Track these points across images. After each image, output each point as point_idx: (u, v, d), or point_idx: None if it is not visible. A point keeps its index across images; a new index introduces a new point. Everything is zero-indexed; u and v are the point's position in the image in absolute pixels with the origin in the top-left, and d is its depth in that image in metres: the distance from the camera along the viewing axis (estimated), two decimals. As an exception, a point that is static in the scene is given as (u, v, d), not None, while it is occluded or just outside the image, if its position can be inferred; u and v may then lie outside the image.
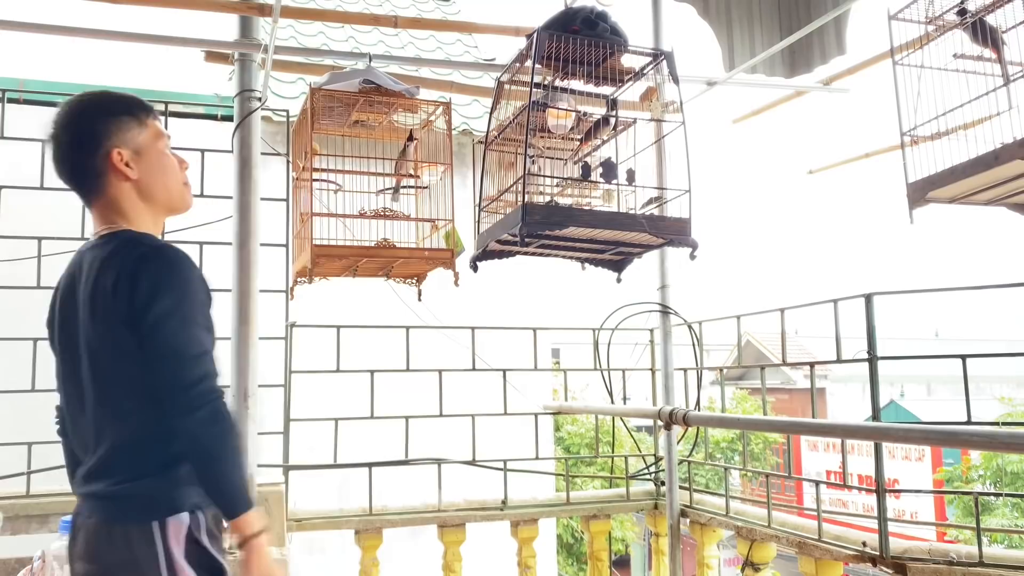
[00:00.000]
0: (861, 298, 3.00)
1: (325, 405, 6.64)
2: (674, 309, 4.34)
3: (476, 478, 4.63)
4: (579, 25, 2.63)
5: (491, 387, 4.63)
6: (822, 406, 27.67)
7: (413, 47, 8.66)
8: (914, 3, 2.65)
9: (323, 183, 3.35)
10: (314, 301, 6.89)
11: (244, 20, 3.50)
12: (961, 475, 16.29)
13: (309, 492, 6.50)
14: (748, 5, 4.94)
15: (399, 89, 3.23)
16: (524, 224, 2.43)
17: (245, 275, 3.45)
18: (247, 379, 3.43)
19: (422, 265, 3.41)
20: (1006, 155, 2.27)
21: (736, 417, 2.83)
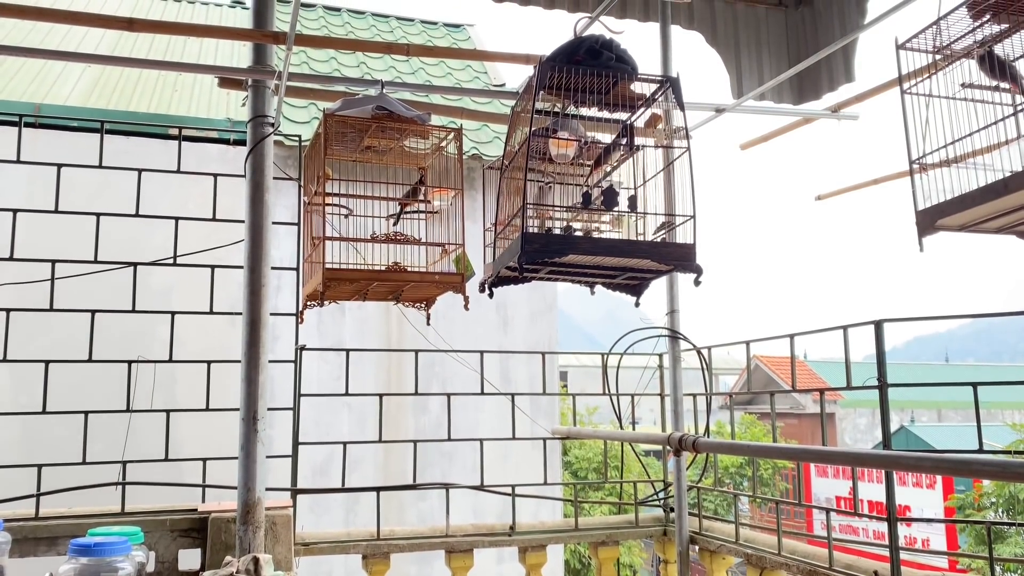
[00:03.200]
0: (871, 325, 3.00)
1: (333, 428, 6.65)
2: (683, 334, 4.34)
3: (483, 501, 4.62)
4: (583, 55, 2.66)
5: (500, 410, 4.62)
6: (832, 431, 27.45)
7: (424, 73, 8.74)
8: (922, 32, 2.67)
9: (334, 208, 3.37)
10: (319, 324, 6.93)
11: (258, 48, 3.55)
12: (973, 502, 16.11)
13: (317, 515, 6.50)
14: (756, 32, 4.99)
15: (411, 115, 3.26)
16: (523, 253, 2.46)
17: (256, 298, 3.47)
18: (256, 402, 3.44)
19: (432, 289, 3.42)
20: (1015, 184, 2.28)
21: (746, 444, 2.82)
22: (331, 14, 9.82)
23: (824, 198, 4.86)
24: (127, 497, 3.70)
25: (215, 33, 3.52)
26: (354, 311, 6.91)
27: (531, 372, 7.32)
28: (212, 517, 3.59)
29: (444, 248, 3.42)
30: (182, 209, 4.30)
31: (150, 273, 5.41)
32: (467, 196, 3.78)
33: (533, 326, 7.90)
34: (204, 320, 4.14)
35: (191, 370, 4.05)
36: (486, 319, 7.47)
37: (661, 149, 3.00)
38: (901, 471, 2.41)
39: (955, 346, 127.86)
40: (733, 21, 4.98)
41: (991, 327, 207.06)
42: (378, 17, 10.02)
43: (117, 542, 2.61)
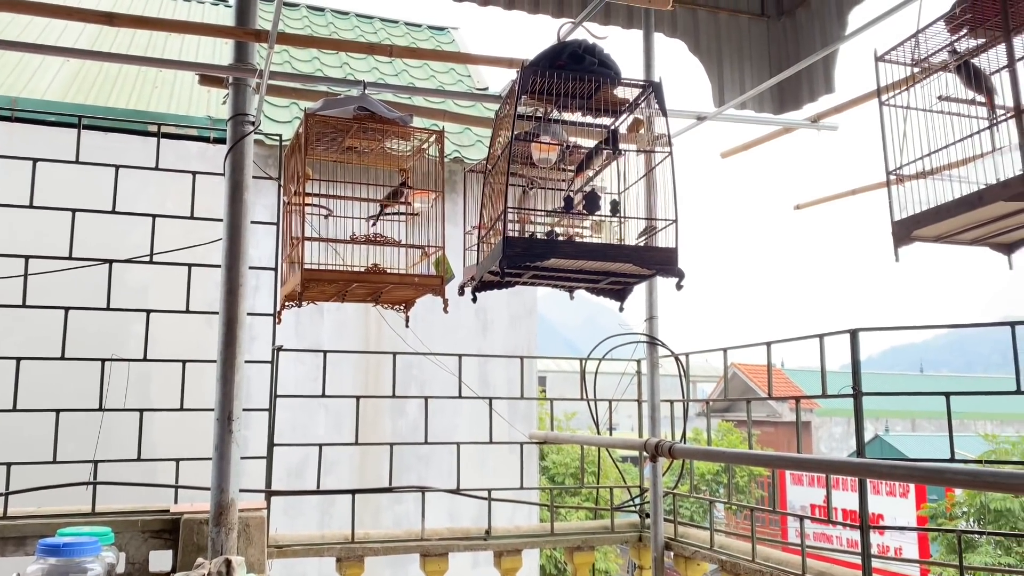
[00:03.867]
0: (847, 334, 3.02)
1: (309, 430, 6.61)
2: (661, 341, 4.35)
3: (459, 505, 4.61)
4: (566, 60, 2.67)
5: (478, 414, 4.62)
6: (807, 439, 27.64)
7: (407, 75, 8.73)
8: (900, 45, 2.70)
9: (314, 208, 3.36)
10: (298, 325, 6.88)
11: (240, 45, 3.52)
12: (945, 511, 16.29)
13: (292, 517, 6.45)
14: (738, 42, 5.03)
15: (393, 117, 3.25)
16: (505, 257, 2.46)
17: (233, 298, 3.43)
18: (231, 402, 3.40)
19: (411, 292, 3.41)
20: (990, 196, 2.31)
21: (722, 451, 2.83)
22: (315, 14, 9.79)
23: (803, 207, 4.90)
24: (98, 497, 3.65)
25: (196, 30, 3.49)
26: (333, 312, 6.87)
27: (510, 376, 7.31)
28: (184, 518, 3.55)
29: (424, 250, 3.41)
30: (160, 207, 4.26)
31: (127, 271, 5.36)
32: (448, 199, 3.78)
33: (513, 330, 7.89)
34: (180, 319, 4.10)
35: (166, 369, 4.01)
36: (466, 323, 7.46)
37: (643, 154, 3.01)
38: (874, 479, 2.44)
39: (930, 357, 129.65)
40: (716, 30, 5.01)
41: (965, 338, 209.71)
42: (362, 18, 10.00)
43: (86, 542, 2.57)
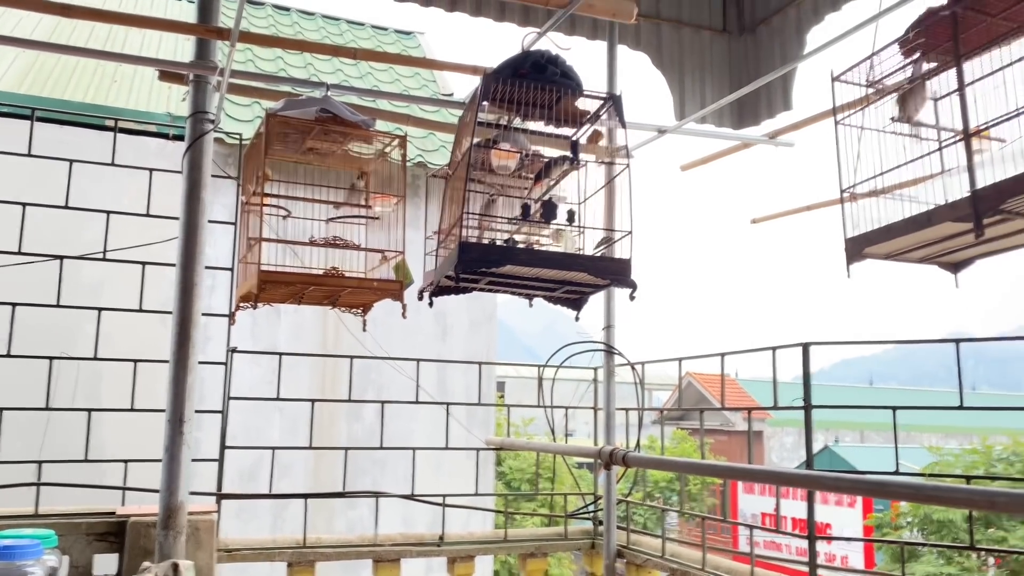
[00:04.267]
0: (799, 347, 3.09)
1: (264, 433, 6.53)
2: (618, 350, 4.39)
3: (414, 510, 4.59)
4: (528, 69, 2.69)
5: (435, 419, 4.60)
6: (759, 449, 28.04)
7: (372, 78, 8.69)
8: (856, 66, 2.77)
9: (273, 209, 3.33)
10: (254, 326, 6.80)
11: (201, 43, 3.48)
12: (890, 521, 16.63)
13: (244, 521, 6.36)
14: (700, 57, 5.11)
15: (355, 120, 3.24)
16: (460, 262, 2.47)
17: (187, 298, 3.39)
18: (183, 404, 3.35)
19: (370, 296, 3.39)
20: (939, 217, 2.38)
21: (674, 460, 2.87)
22: (280, 13, 9.70)
23: (759, 221, 4.99)
24: (43, 499, 3.56)
25: (156, 25, 3.44)
26: (290, 314, 6.80)
27: (468, 382, 7.30)
28: (131, 521, 3.49)
29: (384, 255, 3.40)
30: (116, 203, 4.17)
31: (80, 268, 5.25)
32: (411, 203, 3.77)
33: (472, 336, 7.89)
34: (134, 318, 4.02)
35: (118, 369, 3.93)
36: (425, 328, 7.44)
37: (603, 165, 3.04)
38: (821, 491, 2.50)
39: (879, 370, 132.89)
40: (679, 45, 5.09)
41: (914, 353, 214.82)
42: (328, 19, 9.93)
43: (27, 545, 2.51)
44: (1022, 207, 2.22)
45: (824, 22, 4.71)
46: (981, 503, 1.69)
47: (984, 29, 2.41)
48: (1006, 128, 2.35)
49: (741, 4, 5.25)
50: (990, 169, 2.24)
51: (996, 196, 2.18)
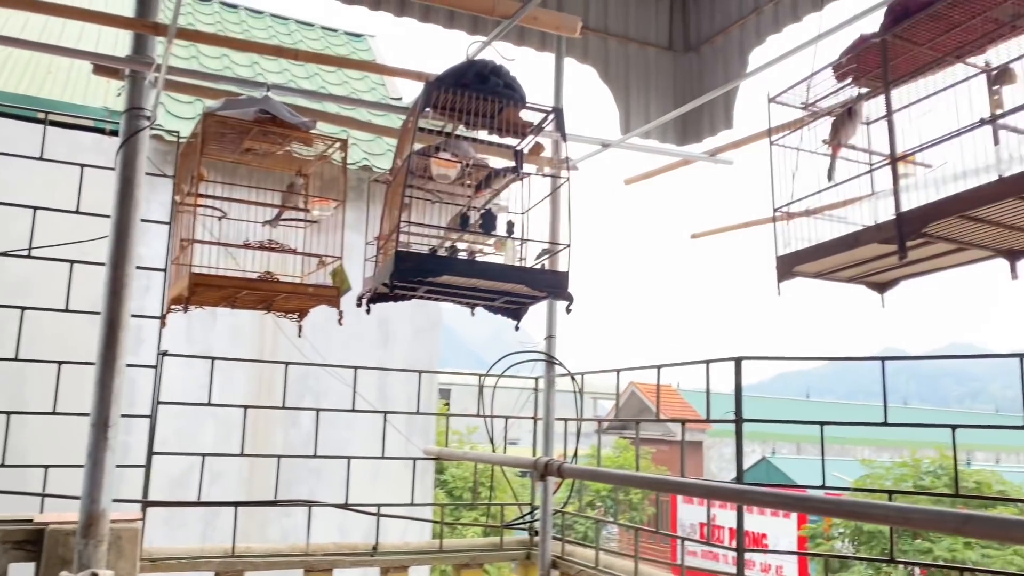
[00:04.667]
0: (731, 361, 3.14)
1: (196, 438, 6.37)
2: (558, 360, 4.40)
3: (351, 520, 4.52)
4: (471, 78, 2.69)
5: (374, 427, 4.55)
6: (699, 459, 28.42)
7: (320, 79, 8.59)
8: (792, 89, 2.83)
9: (208, 209, 3.26)
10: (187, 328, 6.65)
11: (139, 37, 3.40)
12: (823, 532, 17.01)
13: (173, 529, 6.19)
14: (646, 73, 5.17)
15: (295, 122, 3.19)
16: (396, 271, 2.45)
17: (116, 298, 3.29)
18: (109, 408, 3.25)
19: (305, 301, 3.34)
20: (865, 238, 2.44)
21: (607, 471, 2.90)
22: (228, 10, 9.53)
23: (699, 236, 5.07)
24: (-45, 505, 3.41)
25: (91, 17, 3.33)
26: (227, 317, 6.66)
27: (409, 390, 7.24)
28: (49, 529, 3.36)
29: (321, 260, 3.35)
30: (48, 199, 4.04)
31: (7, 265, 5.06)
32: (355, 207, 3.73)
33: (415, 343, 7.84)
34: (62, 318, 3.89)
35: (44, 371, 3.80)
36: (367, 334, 7.36)
37: (544, 177, 3.05)
38: (747, 504, 2.54)
39: (816, 383, 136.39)
40: (625, 60, 5.14)
41: (849, 367, 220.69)
42: (277, 19, 9.79)
43: (-66, 554, 2.39)
44: (944, 231, 2.29)
45: (766, 43, 4.82)
46: (895, 519, 1.73)
47: (912, 57, 2.49)
48: (933, 154, 2.43)
49: (687, 22, 5.34)
50: (915, 193, 2.31)
51: (919, 219, 2.24)
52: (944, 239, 2.34)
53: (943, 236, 2.32)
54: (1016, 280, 2.46)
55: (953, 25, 2.36)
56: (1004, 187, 2.06)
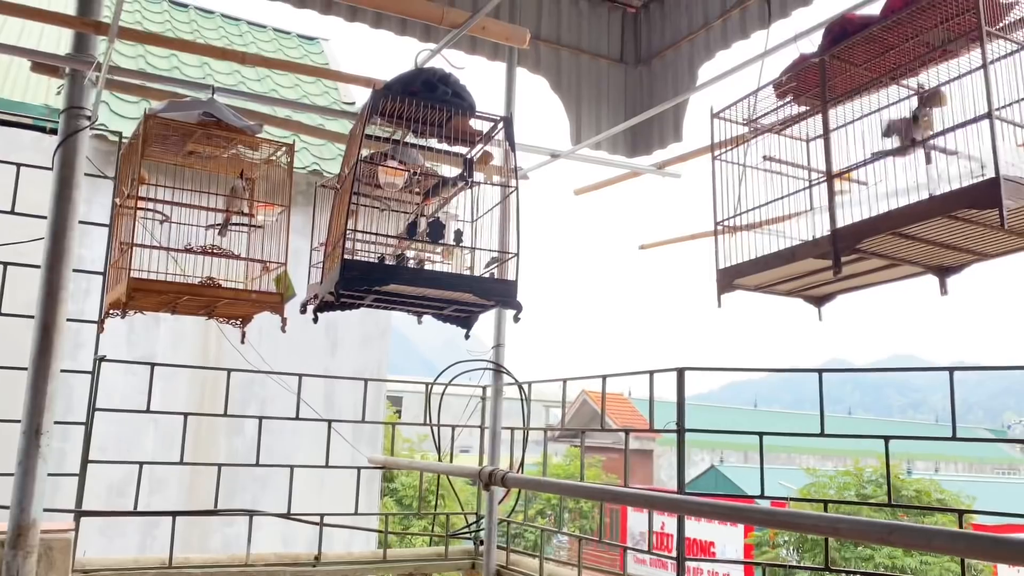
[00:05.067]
0: (674, 371, 3.17)
1: (136, 446, 6.22)
2: (506, 368, 4.40)
3: (295, 529, 4.46)
4: (419, 86, 2.68)
5: (320, 435, 4.49)
6: (649, 468, 28.68)
7: (271, 81, 8.49)
8: (734, 105, 2.89)
9: (149, 212, 3.19)
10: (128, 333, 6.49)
11: (80, 36, 3.32)
12: (769, 540, 17.27)
13: (110, 539, 6.03)
14: (597, 85, 5.22)
15: (240, 125, 3.15)
16: (342, 279, 2.43)
17: (52, 302, 3.21)
18: (41, 414, 3.16)
19: (248, 307, 3.29)
20: (802, 253, 2.49)
21: (550, 481, 2.91)
22: (177, 9, 9.36)
23: (647, 247, 5.12)
24: None
25: (30, 14, 3.25)
26: (170, 322, 6.53)
27: (357, 398, 7.15)
28: (-24, 540, 3.24)
29: (266, 265, 3.31)
30: (-19, 198, 3.91)
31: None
32: (303, 212, 3.69)
33: (364, 350, 7.77)
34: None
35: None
36: (314, 341, 7.27)
37: (493, 186, 3.05)
38: (686, 514, 2.58)
39: (764, 392, 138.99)
40: (577, 71, 5.19)
41: (796, 376, 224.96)
42: (228, 19, 9.65)
43: None
44: (877, 247, 2.35)
45: (715, 58, 4.91)
46: (825, 529, 1.77)
47: (849, 77, 2.56)
48: (868, 171, 2.49)
49: (638, 36, 5.41)
50: (849, 210, 2.37)
51: (853, 236, 2.30)
52: (877, 255, 2.41)
53: (876, 252, 2.38)
54: (945, 296, 2.54)
55: (888, 47, 2.43)
56: (933, 206, 2.13)
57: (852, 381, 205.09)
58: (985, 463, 35.81)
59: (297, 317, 3.28)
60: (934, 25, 2.28)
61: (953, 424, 2.84)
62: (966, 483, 20.53)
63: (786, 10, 4.22)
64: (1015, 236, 2.21)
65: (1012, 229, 2.14)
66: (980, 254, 2.38)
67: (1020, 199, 1.97)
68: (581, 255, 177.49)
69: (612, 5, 5.41)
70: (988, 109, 2.01)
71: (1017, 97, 2.14)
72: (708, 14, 4.82)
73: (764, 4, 4.37)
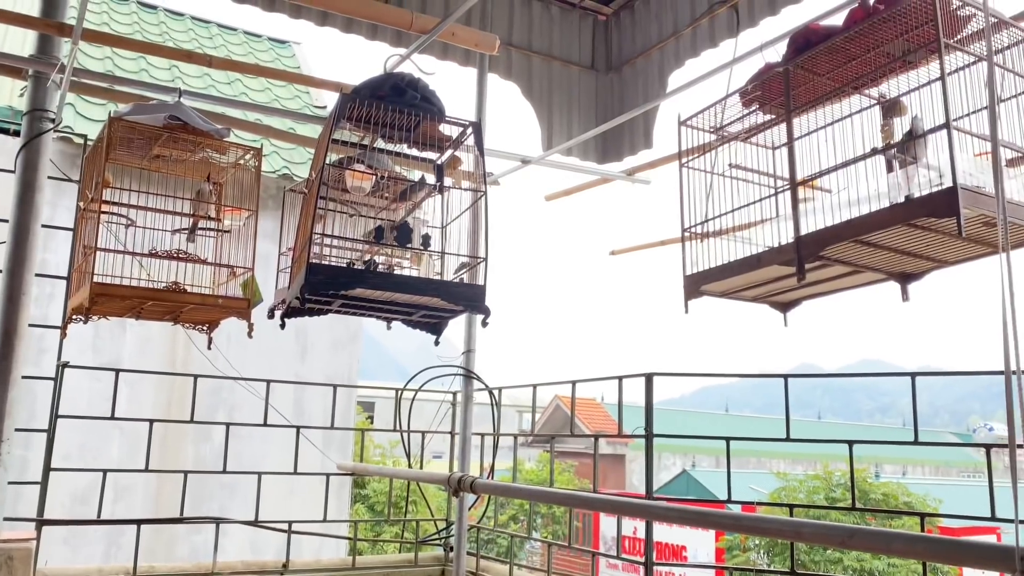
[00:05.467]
0: (642, 377, 3.19)
1: (101, 453, 6.12)
2: (476, 374, 4.40)
3: (264, 536, 4.42)
4: (387, 91, 2.68)
5: (290, 442, 4.45)
6: (622, 471, 28.78)
7: (240, 84, 8.42)
8: (702, 113, 2.91)
9: (113, 216, 3.15)
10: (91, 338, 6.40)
11: (44, 37, 3.28)
12: (740, 544, 17.40)
13: (74, 548, 5.92)
14: (568, 91, 5.25)
15: (208, 129, 3.12)
16: (307, 284, 2.42)
17: (13, 307, 3.15)
18: (2, 422, 3.11)
19: (215, 313, 3.26)
20: (767, 259, 2.52)
21: (520, 487, 2.91)
22: (146, 11, 9.25)
23: (618, 253, 5.15)
24: None
25: (-7, 15, 3.20)
26: (136, 328, 6.44)
27: (327, 404, 7.11)
28: (-67, 550, 3.18)
29: (233, 270, 3.28)
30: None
31: None
32: (272, 216, 3.66)
33: (334, 356, 7.72)
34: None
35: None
36: (283, 347, 7.21)
37: (463, 191, 3.06)
38: (653, 519, 2.59)
39: (735, 396, 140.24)
40: (548, 78, 5.21)
41: (767, 381, 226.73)
42: (198, 22, 9.56)
43: None
44: (840, 254, 2.38)
45: (685, 66, 4.95)
46: (789, 533, 1.79)
47: (813, 87, 2.59)
48: (833, 179, 2.52)
49: (609, 43, 5.45)
50: (813, 217, 2.40)
51: (817, 243, 2.33)
52: (841, 262, 2.44)
53: (839, 259, 2.41)
54: (907, 302, 2.58)
55: (850, 58, 2.47)
56: (894, 214, 2.17)
57: (822, 385, 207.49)
58: (951, 466, 36.41)
59: (265, 323, 3.25)
60: (895, 37, 2.32)
61: (915, 427, 2.89)
62: (933, 486, 20.84)
63: (754, 19, 4.28)
64: (973, 244, 2.25)
65: (970, 237, 2.19)
66: (940, 261, 2.42)
67: (977, 208, 2.01)
68: (552, 261, 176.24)
69: (583, 12, 5.45)
70: (946, 120, 2.05)
71: (975, 108, 2.19)
72: (678, 22, 4.86)
73: (733, 13, 4.43)
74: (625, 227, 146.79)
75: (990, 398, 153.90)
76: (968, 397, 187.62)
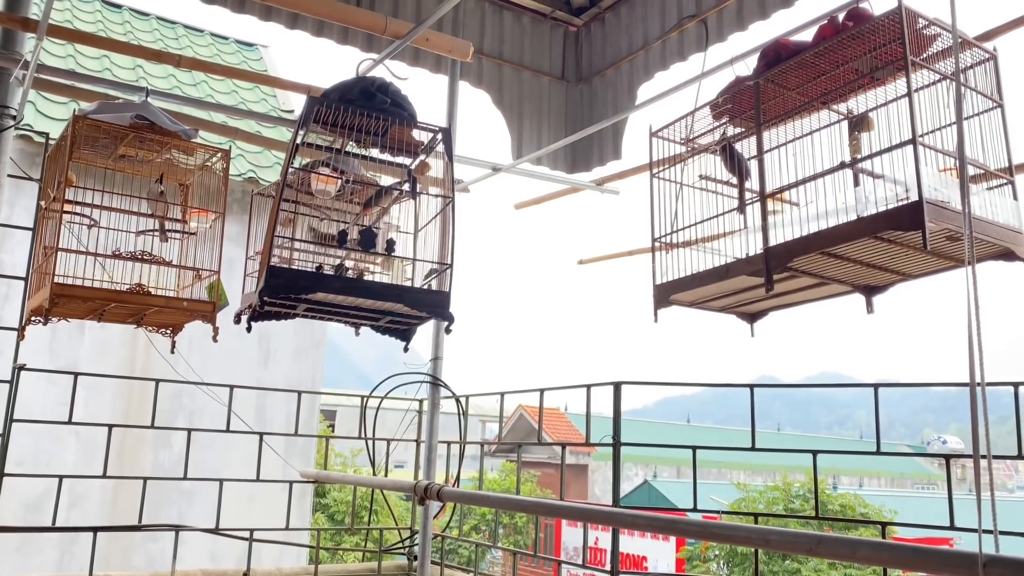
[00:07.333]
0: (611, 385, 3.21)
1: (56, 459, 5.98)
2: (443, 381, 4.38)
3: (223, 545, 4.34)
4: (356, 95, 2.67)
5: (252, 449, 4.39)
6: (584, 482, 28.84)
7: (207, 86, 8.32)
8: (672, 124, 2.94)
9: (75, 216, 3.08)
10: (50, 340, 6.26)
11: (7, 32, 3.21)
12: (700, 554, 17.54)
13: (26, 556, 5.77)
14: (539, 101, 5.27)
15: (175, 129, 3.07)
16: (266, 287, 2.39)
17: (-32, 308, 3.07)
18: (-46, 426, 3.02)
19: (179, 316, 3.20)
20: (735, 270, 2.55)
21: (486, 495, 2.91)
22: (110, 10, 9.10)
23: (586, 263, 5.18)
24: None
25: (-47, 7, 3.12)
26: (95, 330, 6.31)
27: (289, 411, 7.03)
28: None
29: (198, 273, 3.23)
30: None
31: None
32: (239, 220, 3.61)
33: (297, 362, 7.63)
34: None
35: None
36: (246, 352, 7.12)
37: (431, 197, 3.05)
38: (621, 527, 2.61)
39: (696, 408, 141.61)
40: (519, 87, 5.23)
41: (728, 392, 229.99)
42: (164, 22, 9.42)
43: None
44: (807, 266, 2.42)
45: (654, 79, 5.00)
46: (756, 541, 1.80)
47: (783, 101, 2.63)
48: (801, 192, 2.56)
49: (579, 54, 5.48)
50: (781, 229, 2.43)
51: (785, 254, 2.37)
52: (808, 273, 2.48)
53: (807, 271, 2.45)
54: (872, 314, 2.63)
55: (819, 73, 2.52)
56: (861, 227, 2.21)
57: (781, 398, 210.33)
58: (906, 478, 37.10)
59: (229, 327, 3.21)
60: (863, 53, 2.37)
61: (877, 438, 2.94)
62: (888, 497, 21.23)
63: (722, 34, 4.34)
64: (937, 257, 2.30)
65: (934, 251, 2.24)
66: (904, 274, 2.47)
67: (942, 222, 2.06)
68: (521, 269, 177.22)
69: (554, 23, 5.48)
70: (912, 135, 2.10)
71: (940, 124, 2.24)
72: (648, 35, 4.92)
73: (702, 27, 4.49)
74: (593, 237, 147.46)
75: (944, 411, 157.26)
76: (923, 411, 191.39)
